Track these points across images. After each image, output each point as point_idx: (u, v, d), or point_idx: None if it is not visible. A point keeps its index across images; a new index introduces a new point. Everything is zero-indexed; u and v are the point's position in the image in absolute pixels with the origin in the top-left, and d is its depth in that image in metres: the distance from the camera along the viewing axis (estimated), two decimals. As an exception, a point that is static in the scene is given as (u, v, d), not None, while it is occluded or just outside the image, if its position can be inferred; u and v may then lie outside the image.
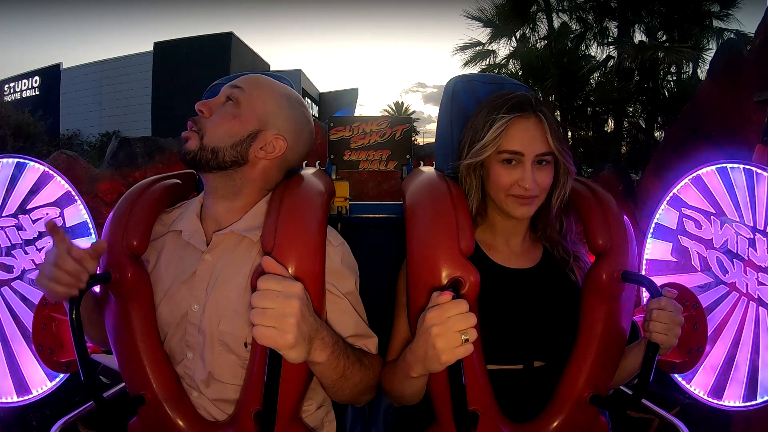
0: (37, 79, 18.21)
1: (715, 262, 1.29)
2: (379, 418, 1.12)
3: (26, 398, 1.24)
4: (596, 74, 7.26)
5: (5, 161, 1.29)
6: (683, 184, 1.36)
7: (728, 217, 1.28)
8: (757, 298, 1.22)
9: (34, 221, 1.29)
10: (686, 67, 6.76)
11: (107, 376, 1.11)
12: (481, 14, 7.59)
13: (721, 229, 1.29)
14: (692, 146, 2.40)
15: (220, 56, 15.25)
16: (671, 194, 1.39)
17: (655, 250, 1.40)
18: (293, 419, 0.80)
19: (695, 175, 1.34)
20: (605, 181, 2.68)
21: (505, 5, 7.37)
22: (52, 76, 17.93)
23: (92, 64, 17.78)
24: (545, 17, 7.42)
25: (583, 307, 0.87)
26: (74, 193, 1.33)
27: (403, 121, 1.37)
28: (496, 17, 7.51)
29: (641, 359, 0.81)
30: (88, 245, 0.75)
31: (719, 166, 1.30)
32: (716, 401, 1.24)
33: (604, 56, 7.38)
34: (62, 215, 1.32)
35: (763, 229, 1.22)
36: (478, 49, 7.90)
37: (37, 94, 17.91)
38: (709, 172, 1.32)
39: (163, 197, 0.91)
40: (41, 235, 1.29)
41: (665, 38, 6.83)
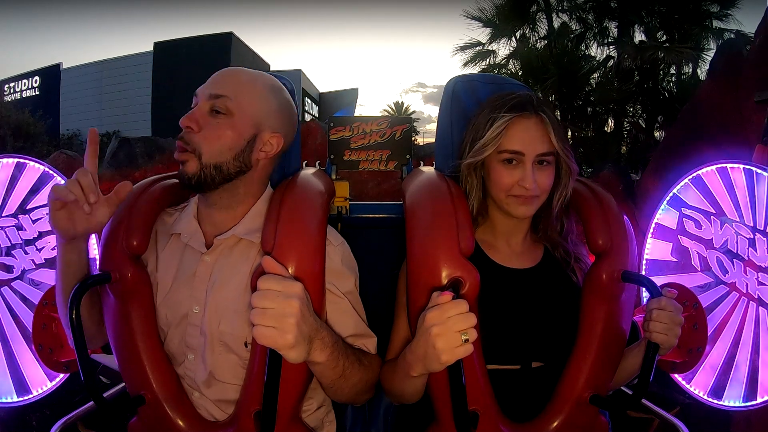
0: (37, 79, 18.24)
1: (715, 262, 1.29)
2: (379, 417, 1.12)
3: (26, 398, 1.24)
4: (596, 74, 7.27)
5: (5, 161, 1.29)
6: (683, 184, 1.36)
7: (728, 217, 1.28)
8: (757, 298, 1.22)
9: (34, 221, 1.29)
10: (686, 67, 6.78)
11: (107, 376, 1.11)
12: (481, 14, 7.62)
13: (721, 229, 1.29)
14: (692, 146, 2.40)
15: (220, 56, 15.25)
16: (671, 194, 1.38)
17: (655, 250, 1.40)
18: (293, 419, 0.80)
19: (695, 175, 1.34)
20: (605, 181, 2.68)
21: (505, 5, 7.39)
22: (52, 76, 17.95)
23: (92, 64, 17.81)
24: (545, 17, 7.43)
25: (583, 307, 0.87)
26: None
27: (403, 121, 1.37)
28: (496, 17, 7.53)
29: (641, 359, 0.81)
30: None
31: (719, 166, 1.30)
32: (716, 401, 1.24)
33: (604, 56, 7.40)
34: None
35: (763, 229, 1.22)
36: (478, 49, 7.92)
37: (37, 94, 17.94)
38: (709, 172, 1.32)
39: (163, 197, 0.91)
40: (41, 235, 1.29)
41: (665, 38, 6.84)
